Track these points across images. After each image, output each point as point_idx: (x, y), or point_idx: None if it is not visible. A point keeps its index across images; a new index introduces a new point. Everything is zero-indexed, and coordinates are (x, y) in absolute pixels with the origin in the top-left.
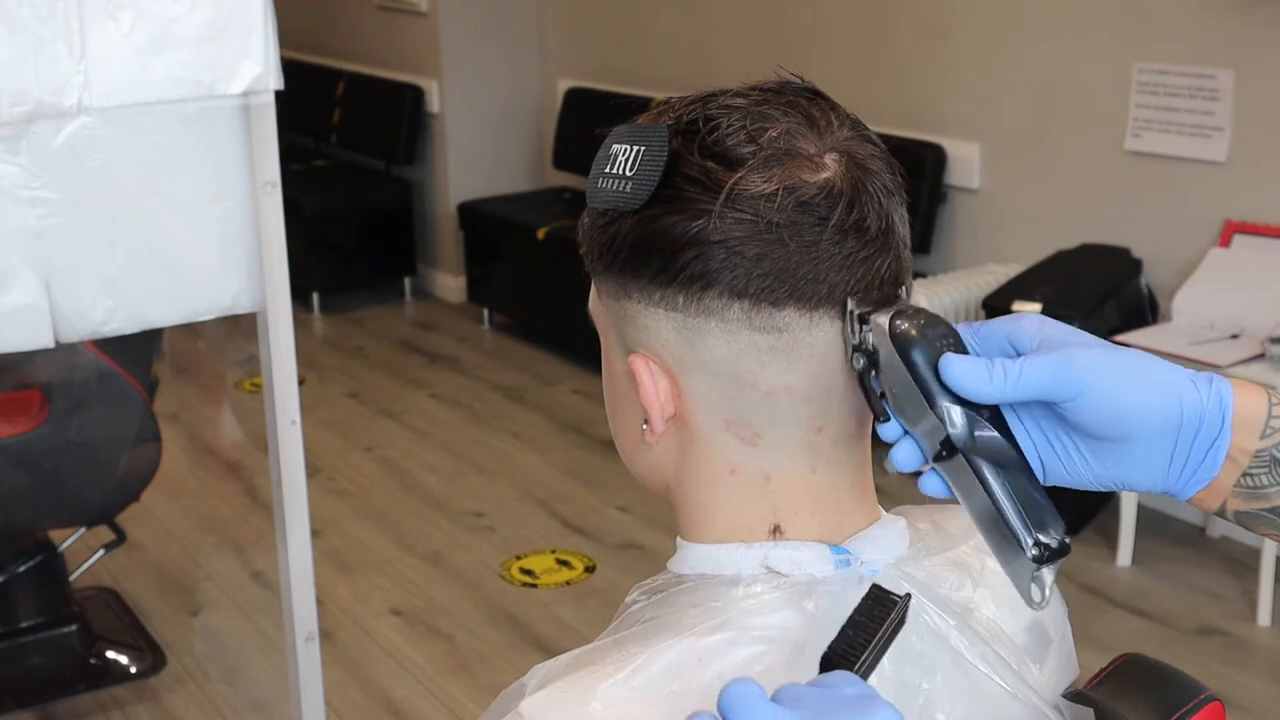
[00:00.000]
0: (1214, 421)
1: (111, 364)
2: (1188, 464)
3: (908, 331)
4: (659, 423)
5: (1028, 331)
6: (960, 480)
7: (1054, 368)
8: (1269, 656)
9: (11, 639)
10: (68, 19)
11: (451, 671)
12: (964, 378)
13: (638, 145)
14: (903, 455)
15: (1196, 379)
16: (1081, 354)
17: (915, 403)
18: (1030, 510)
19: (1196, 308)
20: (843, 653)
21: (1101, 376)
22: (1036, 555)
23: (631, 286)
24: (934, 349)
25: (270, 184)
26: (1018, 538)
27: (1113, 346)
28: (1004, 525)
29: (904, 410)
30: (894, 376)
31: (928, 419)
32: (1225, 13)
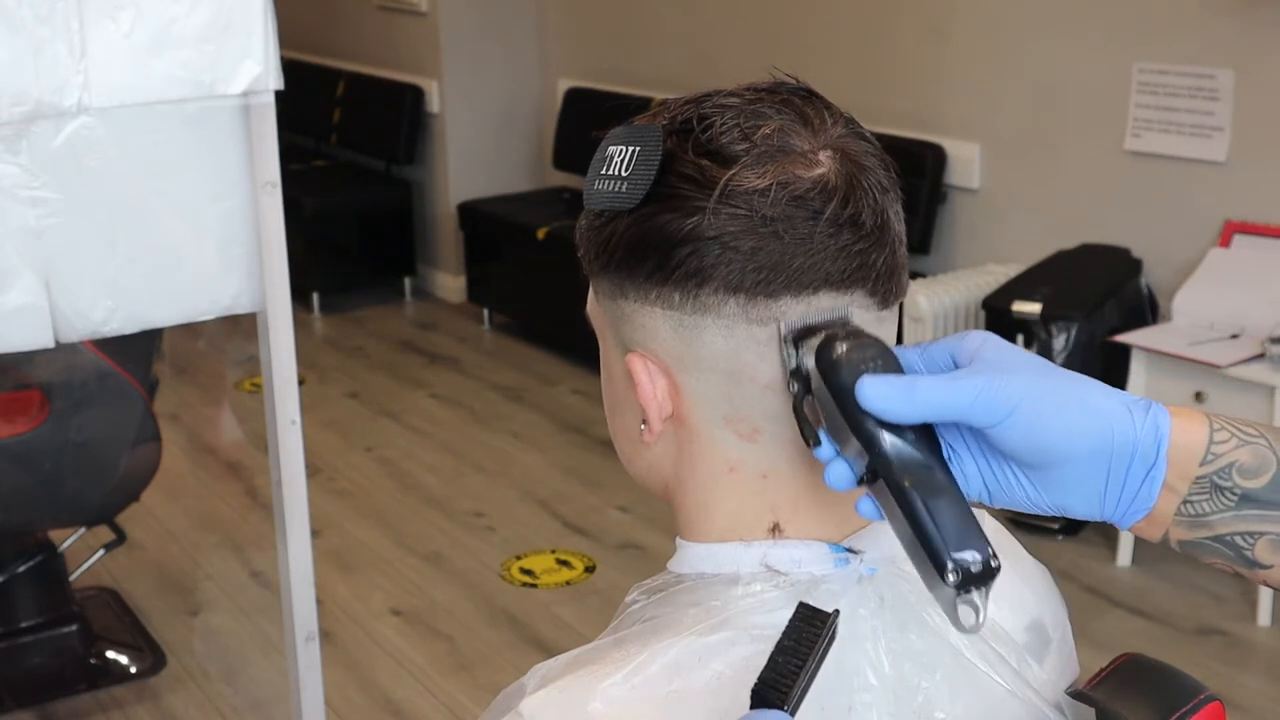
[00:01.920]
0: (1148, 450)
1: (111, 364)
2: (1124, 493)
3: (832, 353)
4: (657, 422)
5: (969, 350)
6: (886, 504)
7: (976, 391)
8: (1269, 656)
9: (11, 639)
10: (68, 19)
11: (451, 671)
12: (877, 399)
13: (633, 146)
14: (835, 476)
15: (1134, 406)
16: (1005, 378)
17: (839, 428)
18: (950, 534)
19: (1196, 308)
20: (773, 683)
21: (1025, 402)
22: (955, 581)
23: (628, 286)
24: (857, 371)
25: (270, 184)
26: (936, 562)
27: (1051, 370)
28: (920, 551)
29: (834, 434)
30: (822, 400)
31: (850, 444)
32: (1225, 13)
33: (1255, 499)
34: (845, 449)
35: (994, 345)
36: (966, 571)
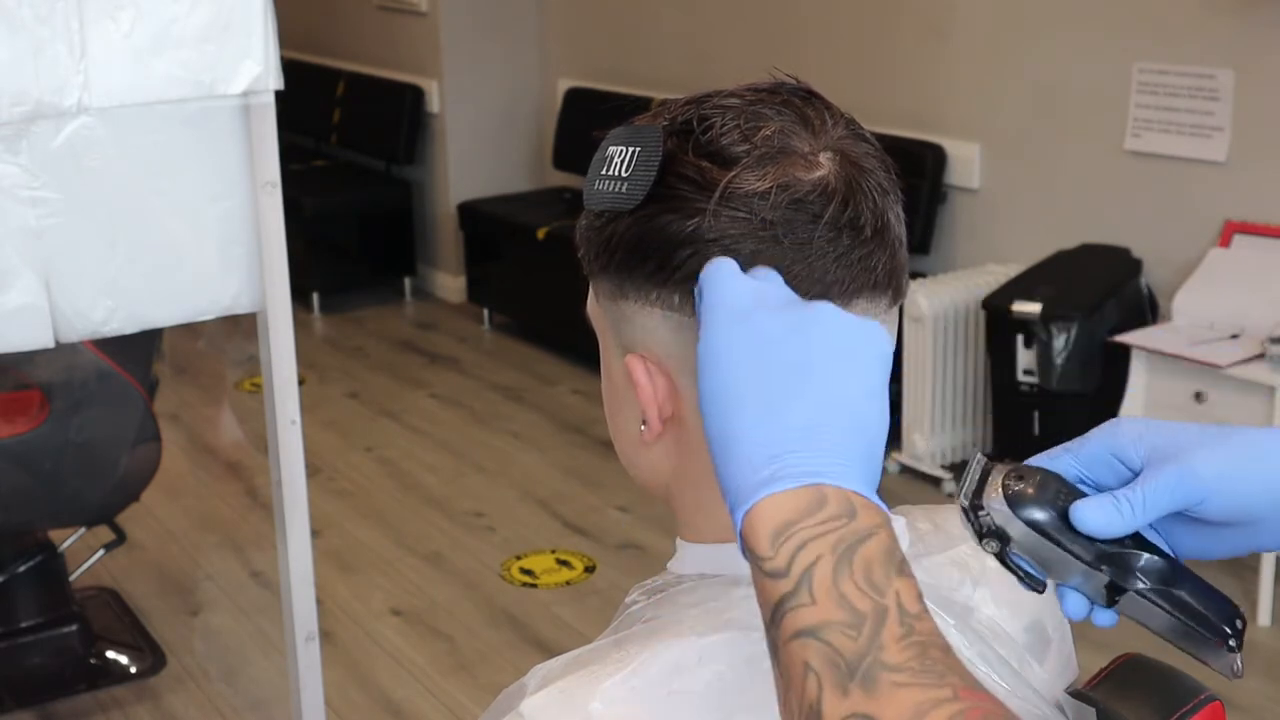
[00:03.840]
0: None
1: (111, 364)
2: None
3: (1025, 495)
4: (657, 423)
5: (1130, 442)
6: (1138, 610)
7: (1174, 485)
8: (1269, 656)
9: (11, 639)
10: (68, 19)
11: (451, 671)
12: (1098, 524)
13: (633, 147)
14: (1072, 607)
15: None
16: (1196, 461)
17: (1061, 562)
18: (1213, 612)
19: (1196, 308)
20: None
21: (1222, 475)
22: (1234, 645)
23: (628, 287)
24: (1056, 504)
25: (270, 184)
26: (1215, 639)
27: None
28: (1197, 633)
29: (1053, 571)
30: (1030, 545)
31: (1079, 572)
32: (1225, 13)
33: None
34: (1069, 581)
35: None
36: (1239, 634)
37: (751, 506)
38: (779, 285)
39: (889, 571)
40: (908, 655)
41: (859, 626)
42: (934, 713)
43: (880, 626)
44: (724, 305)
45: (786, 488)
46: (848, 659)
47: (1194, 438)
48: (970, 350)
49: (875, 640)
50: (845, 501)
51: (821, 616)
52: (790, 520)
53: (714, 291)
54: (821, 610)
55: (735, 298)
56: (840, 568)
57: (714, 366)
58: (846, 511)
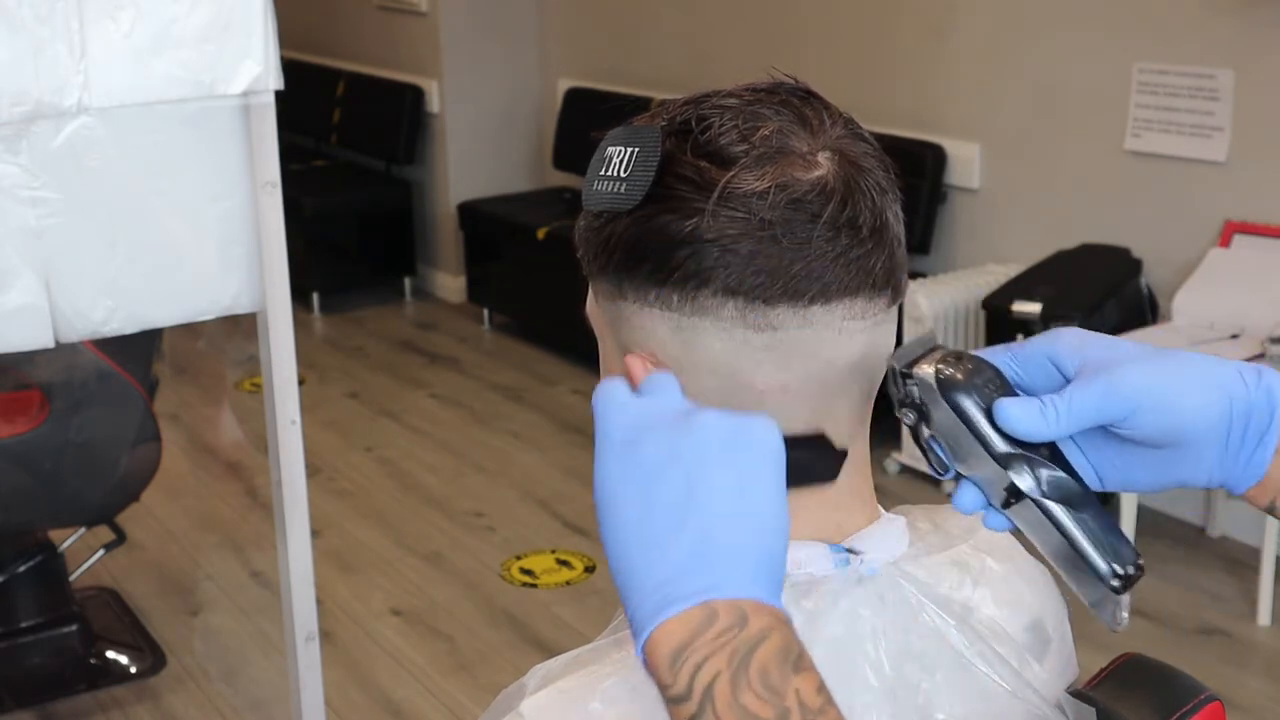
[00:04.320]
0: (1262, 414)
1: (111, 364)
2: (1238, 459)
3: (954, 379)
4: None
5: (1068, 350)
6: (1030, 521)
7: (1102, 395)
8: (1269, 656)
9: (11, 639)
10: (68, 19)
11: (451, 671)
12: (1020, 422)
13: (632, 147)
14: (966, 500)
15: (1245, 371)
16: (1127, 373)
17: (973, 452)
18: (1105, 543)
19: (1196, 308)
20: None
21: (1151, 390)
22: (1118, 586)
23: (627, 287)
24: (984, 395)
25: (270, 184)
26: (1099, 573)
27: (1156, 352)
28: (1082, 561)
29: (962, 459)
30: (947, 427)
31: (988, 466)
32: (1225, 13)
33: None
34: (974, 472)
35: (1094, 341)
36: (1128, 577)
37: (648, 635)
38: (669, 395)
39: (785, 671)
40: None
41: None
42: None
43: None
44: (608, 437)
45: (678, 611)
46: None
47: (1129, 352)
48: (970, 350)
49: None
50: (736, 611)
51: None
52: (684, 642)
53: (600, 420)
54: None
55: (617, 428)
56: (738, 679)
57: (602, 504)
58: (738, 621)
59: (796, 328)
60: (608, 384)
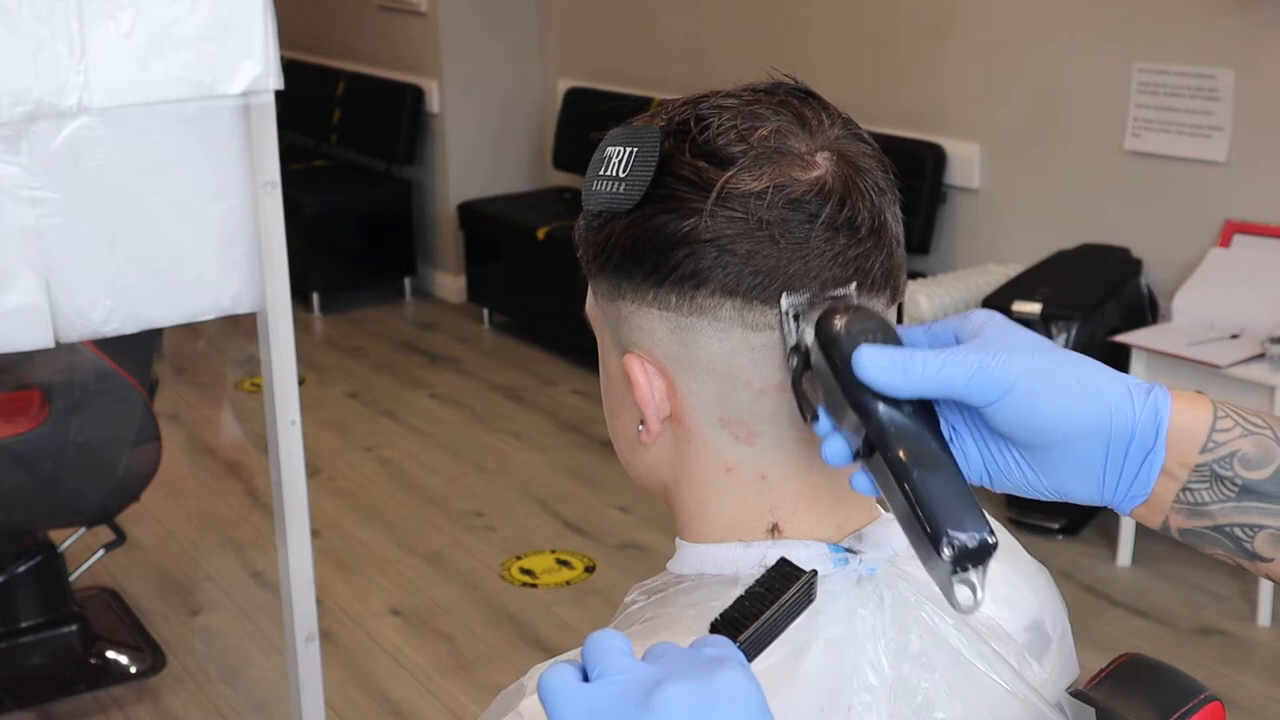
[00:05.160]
0: (1147, 433)
1: (111, 364)
2: (1122, 477)
3: (832, 327)
4: (655, 423)
5: (972, 328)
6: (883, 478)
7: (973, 368)
8: (1269, 656)
9: (11, 639)
10: (68, 19)
11: (451, 671)
12: (874, 370)
13: (631, 147)
14: (831, 450)
15: (1135, 389)
16: (1003, 356)
17: (836, 402)
18: (947, 509)
19: (1196, 308)
20: (731, 620)
21: (1022, 380)
22: (951, 555)
23: (625, 287)
24: (855, 343)
25: (270, 184)
26: (932, 538)
27: (1052, 350)
28: (919, 527)
29: (832, 408)
30: (820, 374)
31: (850, 416)
32: (1225, 13)
33: (1257, 491)
34: (843, 423)
35: (998, 324)
36: (963, 548)
37: None
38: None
39: None
40: None
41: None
42: None
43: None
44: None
45: None
46: None
47: (1022, 341)
48: None
49: None
50: None
51: None
52: None
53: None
54: None
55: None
56: None
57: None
58: None
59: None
60: (553, 672)
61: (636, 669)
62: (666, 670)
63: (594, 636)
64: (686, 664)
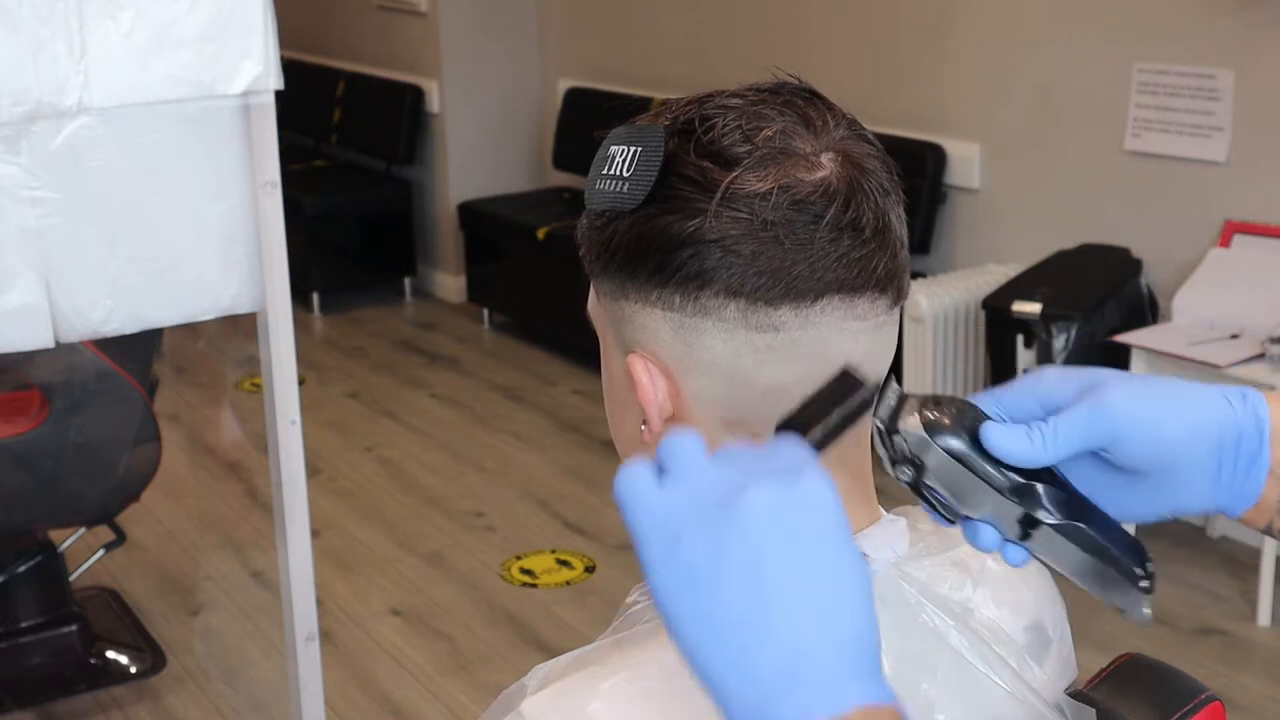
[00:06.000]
0: (1251, 438)
1: (111, 364)
2: (1233, 482)
3: (941, 424)
4: (657, 422)
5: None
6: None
7: (1088, 418)
8: (1269, 656)
9: (11, 639)
10: (68, 19)
11: (451, 671)
12: (1007, 446)
13: (635, 146)
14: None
15: (1231, 396)
16: (1114, 397)
17: (976, 491)
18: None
19: (1196, 308)
20: (797, 421)
21: (1136, 415)
22: (1147, 587)
23: (629, 287)
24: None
25: (270, 184)
26: (1130, 579)
27: (1141, 378)
28: (1108, 570)
29: (966, 501)
30: (945, 473)
31: (993, 503)
32: (1225, 13)
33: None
34: (980, 511)
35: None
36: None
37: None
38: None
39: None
40: None
41: None
42: None
43: None
44: (645, 540)
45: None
46: None
47: (1113, 377)
48: (970, 350)
49: None
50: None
51: None
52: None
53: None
54: None
55: (653, 528)
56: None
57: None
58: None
59: (798, 329)
60: (627, 473)
61: (715, 472)
62: (746, 474)
63: (672, 438)
64: (765, 467)
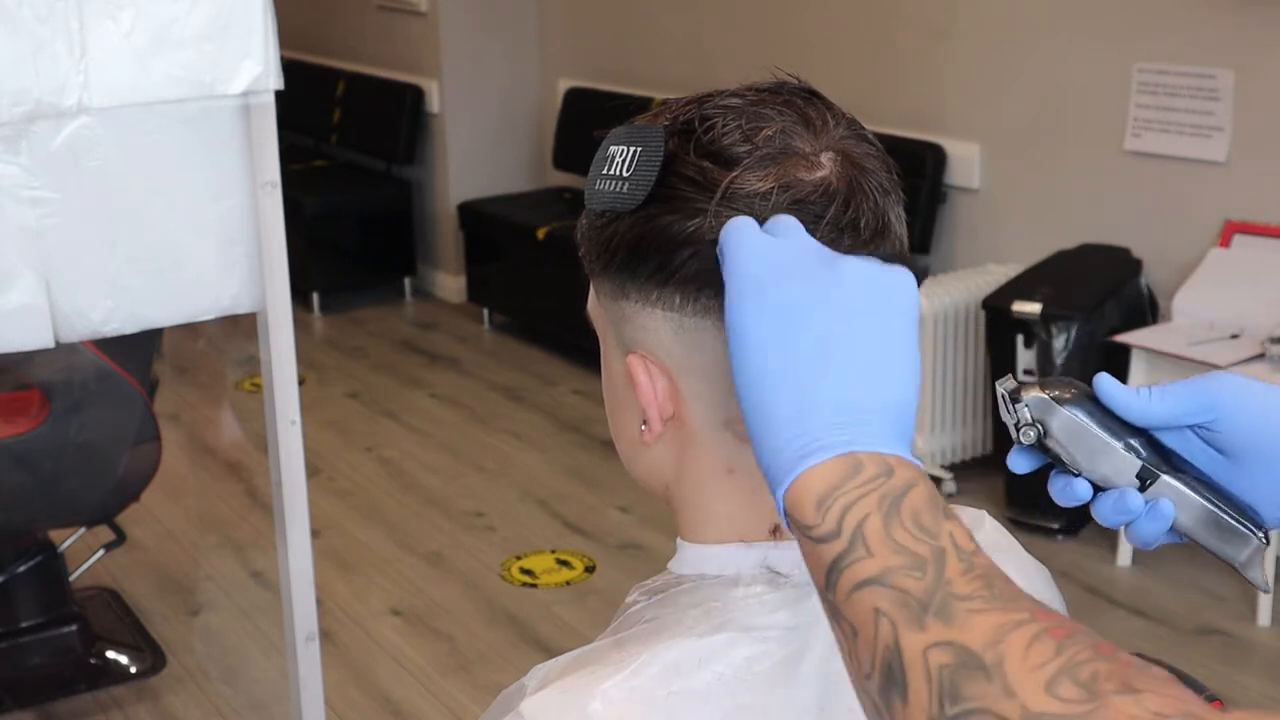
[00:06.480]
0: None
1: (111, 364)
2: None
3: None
4: (657, 423)
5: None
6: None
7: (1195, 384)
8: (1269, 656)
9: (11, 639)
10: (68, 19)
11: (451, 671)
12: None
13: (634, 146)
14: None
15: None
16: (1218, 375)
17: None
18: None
19: (1196, 308)
20: None
21: (1240, 394)
22: (1264, 536)
23: (629, 287)
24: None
25: (270, 184)
26: (1245, 529)
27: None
28: (1226, 519)
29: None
30: (1069, 432)
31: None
32: (1225, 13)
33: None
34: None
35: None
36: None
37: (792, 482)
38: (802, 238)
39: (937, 517)
40: (975, 586)
41: (921, 567)
42: (1015, 633)
43: (942, 565)
44: (746, 274)
45: (822, 459)
46: (918, 597)
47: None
48: (970, 350)
49: (940, 577)
50: (881, 463)
51: (881, 565)
52: (831, 487)
53: (734, 258)
54: (880, 560)
55: (757, 264)
56: (890, 519)
57: (741, 343)
58: (884, 471)
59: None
60: (739, 222)
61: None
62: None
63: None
64: None
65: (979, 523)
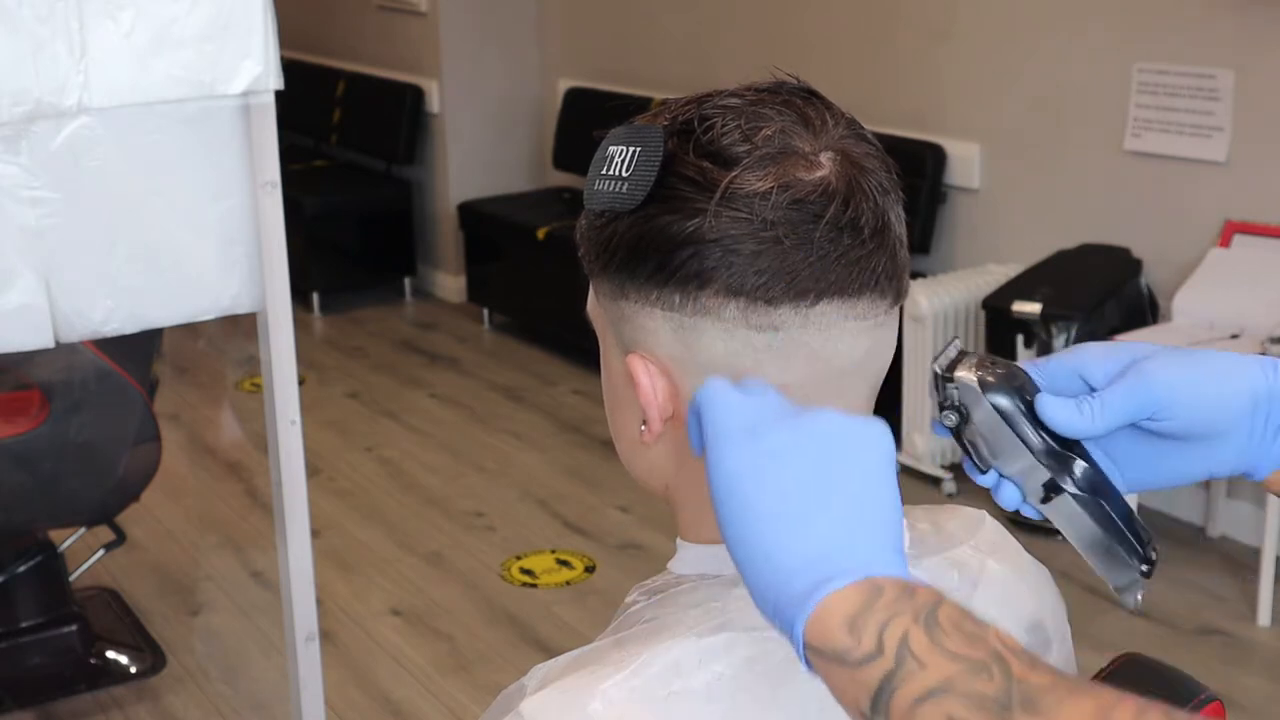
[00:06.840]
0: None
1: (111, 364)
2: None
3: (994, 382)
4: (657, 423)
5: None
6: (1064, 513)
7: (1133, 389)
8: (1269, 656)
9: (11, 639)
10: (68, 19)
11: (451, 671)
12: (1060, 418)
13: (634, 146)
14: (1007, 497)
15: (1264, 363)
16: (1157, 369)
17: (1012, 449)
18: (1132, 531)
19: (1196, 308)
20: None
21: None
22: (1146, 571)
23: (629, 287)
24: (1021, 397)
25: (270, 184)
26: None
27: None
28: (1116, 549)
29: (1001, 457)
30: (989, 427)
31: (1023, 462)
32: (1225, 13)
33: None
34: (1010, 469)
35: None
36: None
37: (814, 609)
38: (773, 395)
39: (978, 622)
40: (1049, 678)
41: (985, 670)
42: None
43: (1005, 664)
44: (727, 428)
45: (840, 585)
46: (994, 696)
47: (1153, 350)
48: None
49: (1009, 675)
50: (899, 584)
51: (941, 675)
52: (859, 609)
53: (714, 413)
54: (937, 670)
55: (737, 416)
56: (932, 631)
57: (731, 490)
58: (905, 591)
59: (798, 328)
60: (714, 384)
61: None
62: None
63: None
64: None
65: (979, 523)
